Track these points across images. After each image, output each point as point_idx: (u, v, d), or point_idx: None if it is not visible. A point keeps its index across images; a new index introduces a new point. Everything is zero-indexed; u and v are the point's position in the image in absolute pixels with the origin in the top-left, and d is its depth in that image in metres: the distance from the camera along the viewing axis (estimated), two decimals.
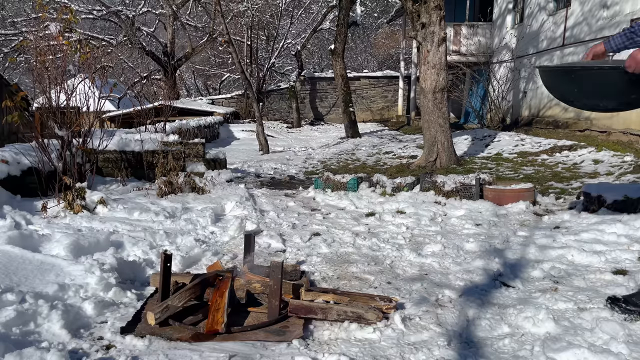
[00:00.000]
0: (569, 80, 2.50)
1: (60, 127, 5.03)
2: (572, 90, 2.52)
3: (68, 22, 6.14)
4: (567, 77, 2.53)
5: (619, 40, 2.49)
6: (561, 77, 2.61)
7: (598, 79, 2.39)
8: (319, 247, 3.63)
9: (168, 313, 2.24)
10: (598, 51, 2.54)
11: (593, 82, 2.40)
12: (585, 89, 2.45)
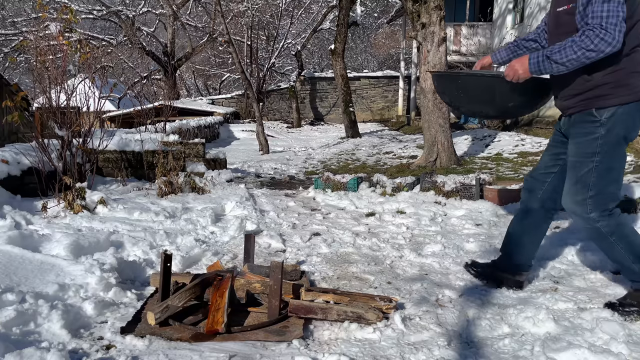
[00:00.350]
0: (456, 86, 2.65)
1: (60, 127, 5.04)
2: (458, 95, 2.66)
3: (68, 22, 6.14)
4: (454, 83, 2.67)
5: (503, 54, 2.76)
6: (450, 82, 2.75)
7: (481, 86, 2.55)
8: (319, 247, 3.63)
9: (168, 313, 2.24)
10: (485, 63, 2.79)
11: (476, 88, 2.57)
12: (469, 95, 2.61)
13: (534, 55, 2.27)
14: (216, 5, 16.35)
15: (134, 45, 20.20)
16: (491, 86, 2.54)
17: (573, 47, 2.12)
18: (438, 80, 2.89)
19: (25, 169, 4.87)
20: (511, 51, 2.75)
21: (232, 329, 2.20)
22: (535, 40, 2.72)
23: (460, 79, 2.68)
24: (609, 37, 2.06)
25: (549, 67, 2.21)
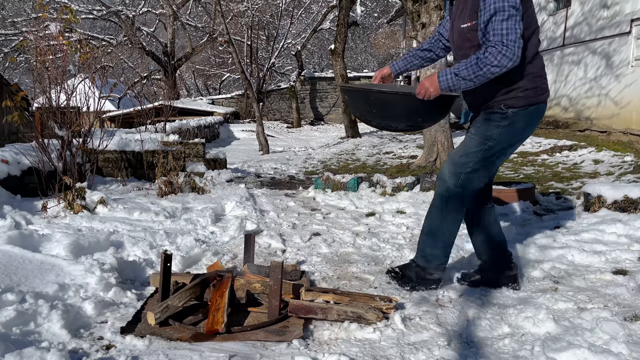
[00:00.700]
0: (368, 101, 2.66)
1: (60, 127, 5.04)
2: (370, 111, 2.67)
3: (68, 22, 6.15)
4: (366, 98, 2.68)
5: (401, 64, 2.90)
6: (361, 98, 2.74)
7: (393, 102, 2.60)
8: (319, 247, 3.63)
9: (168, 313, 2.24)
10: (385, 73, 2.88)
11: (388, 104, 2.61)
12: (380, 111, 2.64)
13: (442, 74, 2.38)
14: (216, 5, 16.34)
15: (134, 45, 20.20)
16: (403, 103, 2.61)
17: (478, 64, 2.27)
18: (349, 95, 2.86)
19: (25, 169, 4.87)
20: (408, 61, 2.89)
21: (232, 329, 2.20)
22: (429, 49, 2.88)
23: (373, 95, 2.66)
24: (510, 52, 2.23)
25: (458, 83, 2.35)
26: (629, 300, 2.58)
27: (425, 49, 2.88)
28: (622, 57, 10.23)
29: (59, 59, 5.52)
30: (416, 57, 2.89)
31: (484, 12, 2.29)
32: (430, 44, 2.88)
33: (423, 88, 2.42)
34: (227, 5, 19.56)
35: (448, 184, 2.59)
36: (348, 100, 2.89)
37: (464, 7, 2.47)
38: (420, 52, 2.89)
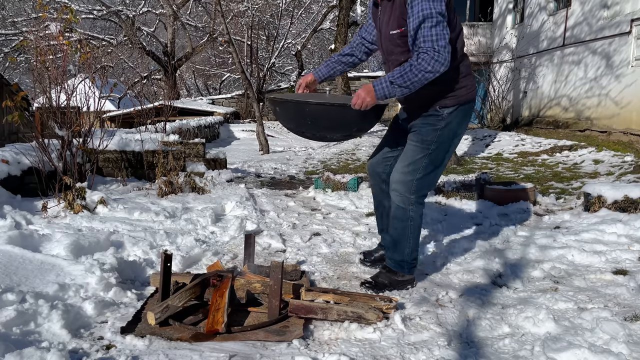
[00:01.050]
0: (303, 114, 2.60)
1: (60, 127, 5.04)
2: (305, 123, 2.64)
3: (68, 22, 6.14)
4: (301, 111, 2.61)
5: (324, 71, 2.89)
6: (296, 110, 2.66)
7: (329, 114, 2.57)
8: (319, 247, 3.63)
9: (168, 313, 2.24)
10: (309, 80, 2.87)
11: (324, 116, 2.58)
12: (317, 123, 2.61)
13: (378, 83, 2.39)
14: (216, 5, 16.34)
15: (134, 45, 20.20)
16: (339, 114, 2.58)
17: (413, 71, 2.31)
18: (281, 107, 2.75)
19: (26, 169, 4.87)
20: (330, 67, 2.89)
21: (232, 329, 2.20)
22: (351, 54, 2.89)
23: (309, 107, 2.60)
24: (442, 58, 2.30)
25: (394, 91, 2.38)
26: (629, 300, 2.58)
27: (347, 54, 2.89)
28: (622, 57, 10.23)
29: (59, 59, 5.52)
30: (339, 62, 2.89)
31: (412, 19, 2.34)
32: (352, 49, 2.90)
33: (360, 98, 2.41)
34: (227, 5, 19.56)
35: (403, 194, 2.67)
36: (279, 113, 2.76)
37: (391, 14, 2.50)
38: (343, 57, 2.90)
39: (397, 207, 2.70)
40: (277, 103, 2.75)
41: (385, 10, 2.53)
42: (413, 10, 2.33)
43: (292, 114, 2.69)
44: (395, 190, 2.69)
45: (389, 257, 2.84)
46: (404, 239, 2.75)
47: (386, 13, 2.53)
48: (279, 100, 2.74)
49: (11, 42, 20.55)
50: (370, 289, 2.78)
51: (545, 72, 13.46)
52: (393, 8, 2.47)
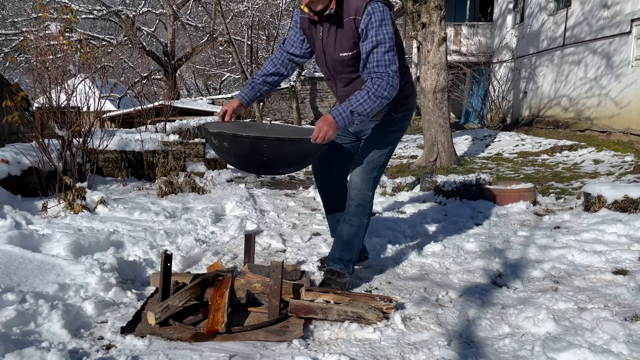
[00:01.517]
0: (259, 150, 2.37)
1: (60, 127, 5.04)
2: (260, 159, 2.40)
3: (68, 22, 6.15)
4: (258, 147, 2.37)
5: (250, 94, 2.78)
6: (252, 147, 2.38)
7: (288, 150, 2.42)
8: (319, 247, 3.63)
9: (168, 313, 2.24)
10: (235, 106, 2.74)
11: (284, 152, 2.41)
12: (275, 159, 2.41)
13: (338, 114, 2.35)
14: (216, 5, 16.35)
15: (134, 45, 20.20)
16: (298, 148, 2.45)
17: (372, 98, 2.35)
18: (232, 143, 2.40)
19: (26, 169, 4.87)
20: (256, 89, 2.77)
21: (232, 328, 2.20)
22: (277, 73, 2.79)
23: (267, 143, 2.36)
24: (395, 82, 2.37)
25: (354, 119, 2.38)
26: (629, 300, 2.58)
27: (273, 74, 2.78)
28: (622, 57, 10.23)
29: (59, 59, 5.52)
30: (264, 83, 2.79)
31: (366, 43, 2.38)
32: (277, 67, 2.78)
33: (322, 132, 2.34)
34: (227, 5, 19.57)
35: (364, 191, 2.73)
36: (228, 149, 2.42)
37: (341, 36, 2.48)
38: (267, 77, 2.79)
39: (357, 205, 2.74)
40: (226, 138, 2.40)
41: (330, 32, 2.51)
42: (367, 35, 2.37)
43: (247, 151, 2.41)
44: (356, 188, 2.74)
45: (337, 258, 2.82)
46: (357, 238, 2.80)
47: (331, 35, 2.51)
48: (229, 135, 2.39)
49: (11, 42, 20.56)
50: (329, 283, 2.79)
51: (545, 72, 13.46)
52: (341, 31, 2.46)
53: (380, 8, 2.35)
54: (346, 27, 2.44)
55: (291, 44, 2.75)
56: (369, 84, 2.37)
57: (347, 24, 2.42)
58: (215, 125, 2.62)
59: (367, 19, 2.35)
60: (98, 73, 6.62)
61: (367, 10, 2.35)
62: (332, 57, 2.58)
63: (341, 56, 2.52)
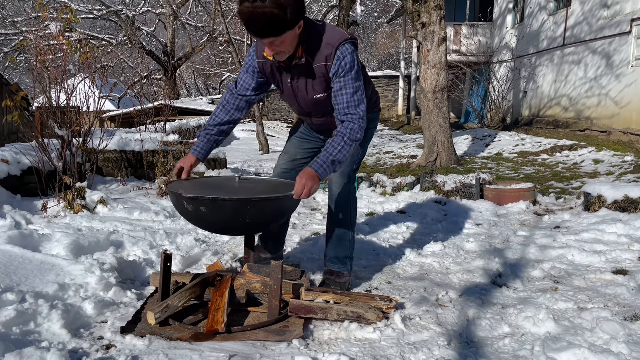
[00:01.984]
0: (243, 212, 2.23)
1: (60, 127, 5.04)
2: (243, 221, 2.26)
3: (68, 22, 6.14)
4: (243, 209, 2.23)
5: (206, 147, 2.66)
6: (235, 210, 2.22)
7: (273, 207, 2.32)
8: (319, 246, 3.62)
9: (168, 313, 2.24)
10: (193, 162, 2.63)
11: (267, 212, 2.31)
12: (258, 219, 2.29)
13: (319, 167, 2.33)
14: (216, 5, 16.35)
15: (134, 45, 20.21)
16: (282, 206, 2.36)
17: (347, 143, 2.38)
18: (211, 207, 2.20)
19: (26, 169, 4.86)
20: (212, 140, 2.65)
21: (232, 329, 2.19)
22: (232, 121, 2.67)
23: (251, 204, 2.22)
24: (364, 122, 2.42)
25: (335, 167, 2.41)
26: (629, 300, 2.58)
27: (228, 122, 2.66)
28: (622, 57, 10.23)
29: (59, 59, 5.52)
30: (219, 133, 2.66)
31: (336, 84, 2.39)
32: (231, 115, 2.65)
33: (307, 187, 2.27)
34: (227, 5, 19.56)
35: (346, 185, 2.78)
36: (205, 214, 2.22)
37: (312, 81, 2.47)
38: (222, 126, 2.65)
39: (341, 200, 2.79)
40: (204, 203, 2.19)
41: (300, 78, 2.48)
42: (338, 78, 2.38)
43: (229, 215, 2.23)
44: (337, 183, 2.78)
45: (334, 257, 2.83)
46: (348, 233, 2.83)
47: (302, 80, 2.48)
48: (208, 200, 2.19)
49: (11, 42, 20.56)
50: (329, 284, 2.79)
51: (545, 72, 13.46)
52: (312, 74, 2.44)
53: (349, 51, 2.36)
54: (317, 73, 2.43)
55: (246, 88, 2.63)
56: (342, 129, 2.39)
57: (318, 70, 2.41)
58: (177, 186, 2.45)
59: (338, 63, 2.36)
60: (98, 73, 6.62)
61: (337, 56, 2.35)
62: (305, 99, 2.58)
63: (316, 98, 2.53)
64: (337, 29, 2.45)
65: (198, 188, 2.48)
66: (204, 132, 2.65)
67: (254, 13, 2.08)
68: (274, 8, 2.08)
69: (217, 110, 2.67)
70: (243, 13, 2.12)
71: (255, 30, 2.17)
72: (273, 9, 2.08)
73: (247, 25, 2.16)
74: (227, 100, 2.66)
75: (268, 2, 2.07)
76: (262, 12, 2.08)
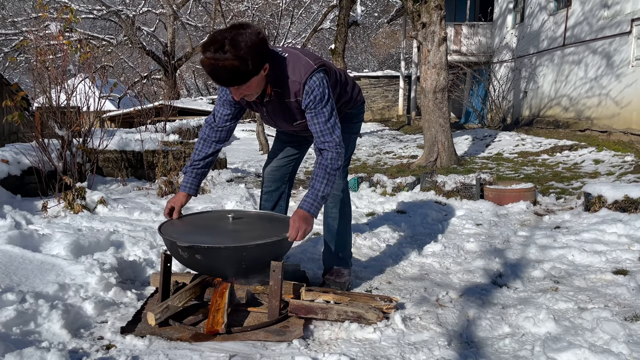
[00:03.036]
0: (238, 259, 2.22)
1: (60, 126, 5.04)
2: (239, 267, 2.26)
3: (68, 22, 6.14)
4: (238, 256, 2.22)
5: (195, 182, 2.61)
6: (229, 256, 2.21)
7: (266, 252, 2.27)
8: (319, 246, 3.62)
9: (168, 313, 2.24)
10: (183, 201, 2.58)
11: (263, 256, 2.28)
12: (252, 265, 2.29)
13: (310, 206, 2.35)
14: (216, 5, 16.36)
15: (134, 45, 20.20)
16: (277, 249, 2.32)
17: (330, 174, 2.39)
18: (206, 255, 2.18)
19: (26, 169, 4.87)
20: (200, 174, 2.62)
21: (232, 329, 2.19)
22: (216, 151, 2.65)
23: (247, 250, 2.20)
24: (342, 148, 2.40)
25: (324, 201, 2.42)
26: (630, 300, 2.58)
27: (212, 154, 2.63)
28: (622, 56, 10.23)
29: (59, 58, 5.52)
30: (205, 166, 2.64)
31: (307, 113, 2.38)
32: (215, 146, 2.62)
33: (301, 230, 2.28)
34: (227, 5, 19.56)
35: (340, 182, 2.83)
36: (200, 262, 2.22)
37: (286, 112, 2.45)
38: (207, 158, 2.62)
39: (334, 196, 2.83)
40: (199, 251, 2.17)
41: (275, 108, 2.47)
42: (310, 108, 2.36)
43: (225, 261, 2.23)
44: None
45: (333, 256, 2.86)
46: (344, 229, 2.87)
47: (277, 110, 2.47)
48: (204, 248, 2.16)
49: (11, 42, 20.55)
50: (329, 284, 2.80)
51: (545, 71, 13.46)
52: (286, 107, 2.44)
53: (317, 82, 2.31)
54: (290, 106, 2.42)
55: (225, 120, 2.58)
56: (322, 160, 2.39)
57: (290, 104, 2.41)
58: (169, 228, 2.42)
59: (307, 98, 2.33)
60: (98, 73, 6.62)
61: (305, 91, 2.32)
62: (284, 125, 2.61)
63: (294, 124, 2.56)
64: (303, 58, 2.35)
65: (190, 229, 2.44)
66: (190, 167, 2.60)
67: (215, 65, 2.06)
68: (234, 60, 2.05)
69: (199, 145, 2.61)
70: (204, 64, 2.09)
71: (219, 80, 2.15)
72: (233, 61, 2.05)
73: (210, 75, 2.14)
74: (208, 134, 2.61)
75: (228, 54, 2.03)
76: (222, 64, 2.05)
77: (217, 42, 2.05)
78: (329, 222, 2.88)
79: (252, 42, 2.09)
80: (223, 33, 2.08)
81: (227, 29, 2.11)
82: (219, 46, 2.04)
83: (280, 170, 3.03)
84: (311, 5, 23.90)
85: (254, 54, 2.10)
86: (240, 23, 2.15)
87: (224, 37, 2.05)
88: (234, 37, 2.06)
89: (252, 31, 2.11)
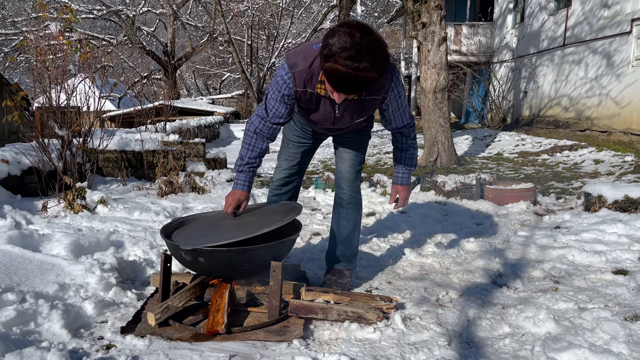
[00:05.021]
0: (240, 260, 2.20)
1: (60, 126, 5.04)
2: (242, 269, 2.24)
3: (68, 22, 6.14)
4: (240, 257, 2.19)
5: (249, 178, 2.53)
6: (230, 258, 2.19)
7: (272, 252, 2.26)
8: (319, 246, 3.62)
9: (168, 313, 2.24)
10: (243, 199, 2.51)
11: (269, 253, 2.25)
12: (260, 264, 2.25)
13: (405, 178, 2.72)
14: (216, 5, 16.36)
15: (134, 45, 20.20)
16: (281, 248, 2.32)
17: (415, 146, 2.70)
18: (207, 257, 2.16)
19: (26, 169, 4.87)
20: (253, 173, 2.54)
21: (232, 329, 2.19)
22: (267, 148, 2.59)
23: (249, 252, 2.18)
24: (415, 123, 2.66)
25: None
26: (630, 300, 2.58)
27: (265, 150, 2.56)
28: (622, 56, 10.23)
29: (59, 58, 5.52)
30: (260, 161, 2.56)
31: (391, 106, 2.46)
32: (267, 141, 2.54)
33: (407, 199, 2.76)
34: (227, 5, 19.57)
35: (355, 183, 2.87)
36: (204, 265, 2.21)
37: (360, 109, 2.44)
38: (261, 155, 2.54)
39: (351, 197, 2.86)
40: (202, 254, 2.16)
41: (348, 107, 2.40)
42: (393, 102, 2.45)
43: (228, 263, 2.22)
44: (348, 180, 2.86)
45: (341, 256, 2.88)
46: (355, 232, 2.90)
47: (349, 108, 2.41)
48: (206, 251, 2.15)
49: (11, 42, 20.56)
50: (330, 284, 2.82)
51: (545, 71, 13.46)
52: (362, 105, 2.41)
53: (400, 78, 2.42)
54: (368, 103, 2.39)
55: (279, 116, 2.46)
56: (405, 139, 2.65)
57: (371, 100, 2.37)
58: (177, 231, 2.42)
59: (392, 93, 2.40)
60: (98, 73, 6.62)
61: (392, 87, 2.37)
62: (343, 122, 2.53)
63: (357, 121, 2.56)
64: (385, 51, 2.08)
65: (195, 230, 2.43)
66: (247, 166, 2.50)
67: (354, 76, 1.91)
68: (375, 72, 1.94)
69: (252, 140, 2.49)
70: (339, 72, 1.91)
71: (346, 89, 2.01)
72: (374, 72, 1.94)
73: (337, 80, 1.96)
74: (260, 129, 2.48)
75: (369, 65, 1.90)
76: (363, 75, 1.92)
77: (352, 48, 1.88)
78: (342, 222, 2.86)
79: (386, 50, 2.00)
80: (354, 37, 1.88)
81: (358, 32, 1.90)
82: (356, 53, 1.88)
83: (295, 176, 3.02)
84: (311, 5, 23.90)
85: (387, 62, 2.04)
86: (359, 23, 1.97)
87: (359, 44, 1.88)
88: (370, 44, 1.91)
89: (381, 36, 2.00)
